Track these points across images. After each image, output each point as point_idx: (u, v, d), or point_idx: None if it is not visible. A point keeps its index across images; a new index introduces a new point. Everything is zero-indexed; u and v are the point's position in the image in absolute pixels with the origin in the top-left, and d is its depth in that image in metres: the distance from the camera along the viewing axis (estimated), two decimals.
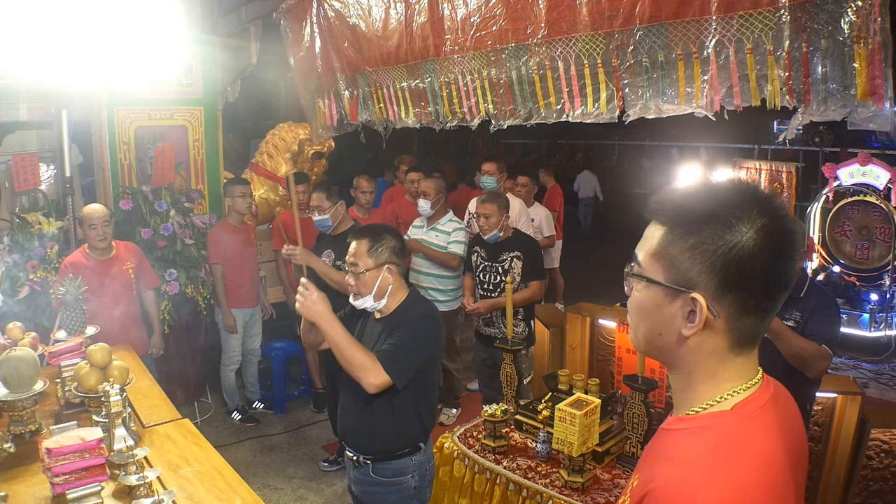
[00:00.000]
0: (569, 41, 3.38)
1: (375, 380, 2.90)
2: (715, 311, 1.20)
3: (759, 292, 1.19)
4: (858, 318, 8.09)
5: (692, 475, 1.15)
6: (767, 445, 1.20)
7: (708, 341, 1.24)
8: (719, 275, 1.18)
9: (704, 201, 1.23)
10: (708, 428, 1.22)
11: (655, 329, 1.29)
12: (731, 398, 1.24)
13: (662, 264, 1.25)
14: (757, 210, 1.18)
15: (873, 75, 2.44)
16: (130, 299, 5.22)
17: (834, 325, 3.42)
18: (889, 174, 8.14)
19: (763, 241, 1.16)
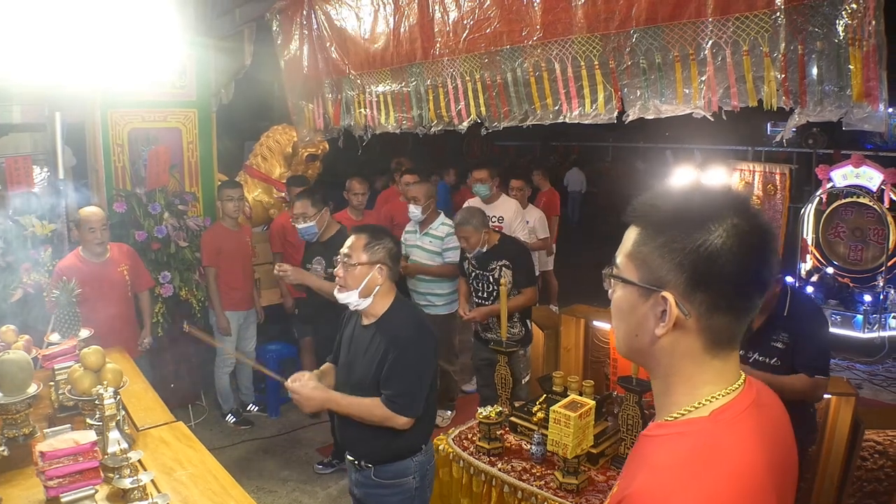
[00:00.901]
0: (565, 43, 3.38)
1: (399, 424, 3.00)
2: (685, 310, 1.20)
3: (730, 291, 1.19)
4: (852, 319, 8.10)
5: (666, 482, 1.15)
6: (745, 453, 1.19)
7: (681, 342, 1.24)
8: (688, 273, 1.19)
9: (676, 202, 1.25)
10: (684, 434, 1.22)
11: (632, 330, 1.31)
12: (710, 404, 1.24)
13: (636, 264, 1.27)
14: (729, 211, 1.19)
15: (868, 77, 2.45)
16: (125, 301, 5.23)
17: (823, 347, 3.41)
18: (882, 176, 8.16)
19: (734, 240, 1.17)
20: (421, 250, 5.72)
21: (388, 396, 2.99)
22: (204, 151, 6.64)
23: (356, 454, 3.17)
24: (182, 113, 6.49)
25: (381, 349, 3.01)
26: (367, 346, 3.08)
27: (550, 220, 8.20)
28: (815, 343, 3.36)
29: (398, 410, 2.98)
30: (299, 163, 7.60)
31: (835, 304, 8.14)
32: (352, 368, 3.13)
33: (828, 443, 4.22)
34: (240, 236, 6.10)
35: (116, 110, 6.10)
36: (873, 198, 8.33)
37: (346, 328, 3.32)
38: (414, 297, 5.80)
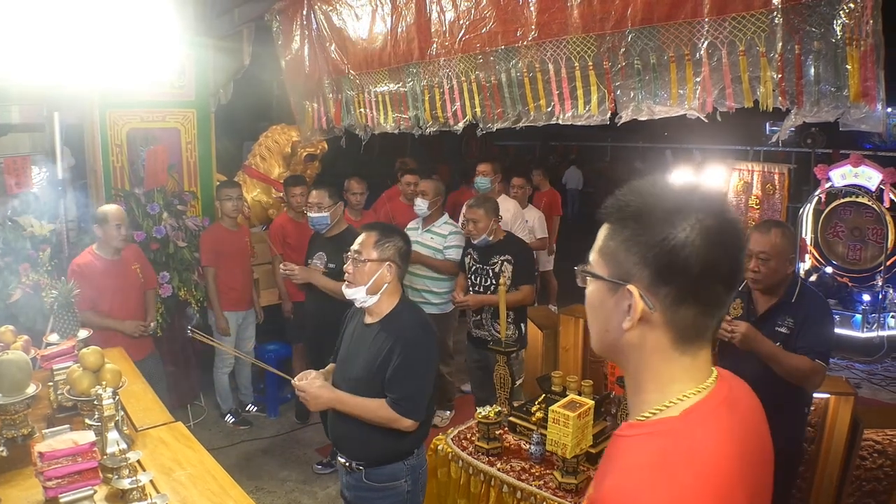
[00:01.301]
0: (559, 43, 3.38)
1: (404, 427, 3.01)
2: (650, 304, 1.22)
3: (694, 284, 1.20)
4: (851, 318, 8.11)
5: (634, 483, 1.15)
6: (716, 453, 1.19)
7: (649, 336, 1.25)
8: (652, 267, 1.20)
9: (642, 198, 1.26)
10: (655, 435, 1.22)
11: (602, 325, 1.33)
12: (680, 403, 1.25)
13: (605, 260, 1.29)
14: (694, 207, 1.21)
15: (865, 77, 2.45)
16: (139, 299, 5.28)
17: (826, 335, 3.41)
18: (881, 175, 8.16)
19: (698, 235, 1.18)
20: (422, 247, 5.71)
21: (394, 399, 3.00)
22: (202, 151, 6.64)
23: (348, 455, 3.17)
24: (181, 113, 6.49)
25: (384, 348, 3.01)
26: (369, 343, 3.09)
27: (552, 219, 8.21)
28: (819, 330, 3.36)
29: (404, 413, 3.00)
30: (298, 163, 7.59)
31: (833, 303, 8.13)
32: (350, 364, 3.14)
33: (826, 442, 4.22)
34: (239, 236, 6.10)
35: (115, 110, 6.09)
36: (872, 197, 8.33)
37: (348, 325, 3.33)
38: (410, 294, 5.79)
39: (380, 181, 8.89)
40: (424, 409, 3.08)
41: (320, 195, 5.08)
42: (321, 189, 5.12)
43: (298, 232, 6.16)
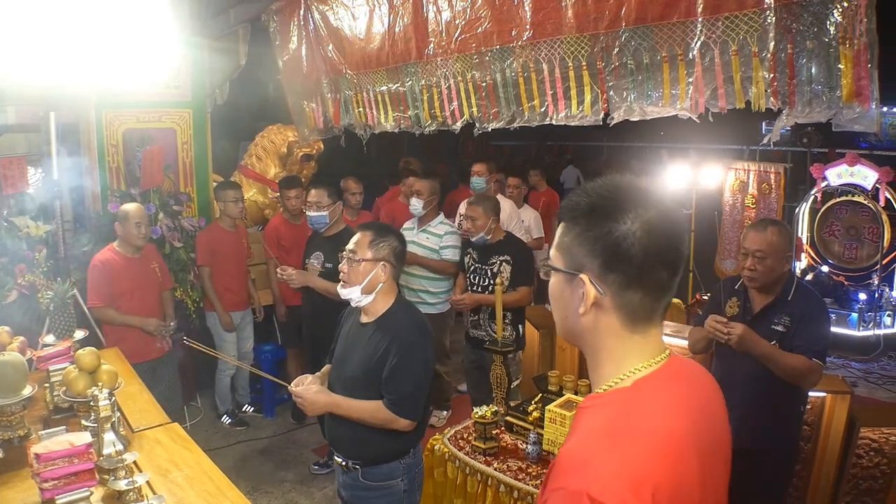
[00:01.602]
0: (553, 43, 3.39)
1: (402, 427, 3.03)
2: (601, 290, 1.36)
3: (639, 270, 1.33)
4: (847, 317, 8.12)
5: (588, 447, 1.28)
6: (666, 419, 1.32)
7: (601, 319, 1.39)
8: (600, 257, 1.34)
9: (591, 197, 1.39)
10: (609, 404, 1.36)
11: (563, 312, 1.47)
12: (633, 375, 1.38)
13: (561, 253, 1.43)
14: (635, 202, 1.34)
15: (859, 76, 2.45)
16: (157, 298, 5.33)
17: (822, 333, 3.41)
18: (877, 174, 8.16)
19: (639, 227, 1.32)
20: (418, 246, 5.71)
21: (391, 400, 3.00)
22: (199, 152, 6.63)
23: (344, 454, 3.17)
24: (177, 113, 6.49)
25: (380, 347, 3.02)
26: (365, 343, 3.09)
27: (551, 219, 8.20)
28: (816, 328, 3.36)
29: (401, 413, 3.00)
30: (294, 163, 7.59)
31: (830, 302, 8.12)
32: (346, 364, 3.14)
33: (823, 441, 4.23)
34: (236, 237, 6.09)
35: (111, 111, 6.09)
36: (868, 196, 8.34)
37: (343, 325, 3.33)
38: (406, 294, 5.77)
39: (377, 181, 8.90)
40: (421, 408, 3.09)
41: (319, 194, 5.07)
42: (320, 188, 5.11)
43: (293, 234, 6.15)
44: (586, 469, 1.23)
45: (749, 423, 3.44)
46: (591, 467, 1.23)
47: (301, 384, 3.14)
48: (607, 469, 1.22)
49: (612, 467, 1.22)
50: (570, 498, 1.21)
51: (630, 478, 1.21)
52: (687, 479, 1.30)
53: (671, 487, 1.25)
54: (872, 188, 8.24)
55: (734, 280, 3.68)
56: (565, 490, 1.23)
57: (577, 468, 1.25)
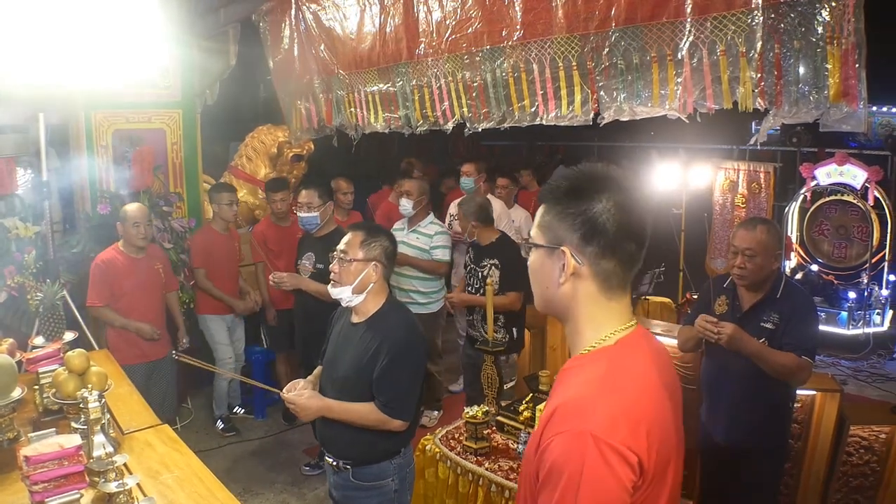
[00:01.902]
0: (544, 43, 3.39)
1: (394, 427, 3.04)
2: (580, 260, 1.54)
3: (612, 242, 1.52)
4: (837, 316, 8.14)
5: (590, 391, 1.46)
6: (647, 370, 1.55)
7: (580, 286, 1.57)
8: (580, 231, 1.53)
9: (569, 180, 1.59)
10: (598, 359, 1.54)
11: (543, 284, 1.64)
12: (614, 335, 1.58)
13: (542, 231, 1.61)
14: (608, 185, 1.54)
15: (847, 76, 2.46)
16: (160, 299, 5.33)
17: (811, 331, 3.43)
18: (866, 174, 8.19)
19: (611, 205, 1.51)
20: (408, 247, 5.70)
21: (383, 401, 3.01)
22: (188, 152, 6.61)
23: (335, 454, 3.17)
24: (166, 114, 6.47)
25: (370, 348, 3.02)
26: (356, 343, 3.09)
27: None
28: (805, 327, 3.39)
29: (393, 414, 3.01)
30: (284, 163, 7.56)
31: (819, 301, 8.15)
32: (337, 365, 3.14)
33: (813, 439, 4.25)
34: (229, 240, 6.05)
35: (100, 111, 6.07)
36: (857, 196, 8.37)
37: (335, 325, 3.32)
38: (397, 294, 5.78)
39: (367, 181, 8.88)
40: (413, 409, 3.09)
41: (310, 195, 5.06)
42: (311, 189, 5.09)
43: (279, 237, 6.12)
44: (588, 413, 1.40)
45: (739, 421, 3.46)
46: (592, 411, 1.40)
47: (293, 390, 3.14)
48: (607, 411, 1.40)
49: (612, 410, 1.40)
50: (573, 438, 1.38)
51: (628, 419, 1.40)
52: (666, 422, 1.53)
53: (658, 428, 1.47)
54: (861, 187, 8.27)
55: (723, 278, 3.70)
56: (569, 432, 1.39)
57: (578, 412, 1.41)
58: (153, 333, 5.09)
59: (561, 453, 1.38)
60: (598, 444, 1.35)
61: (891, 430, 4.19)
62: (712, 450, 3.66)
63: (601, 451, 1.35)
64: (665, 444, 1.48)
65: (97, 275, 4.94)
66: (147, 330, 5.06)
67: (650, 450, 1.41)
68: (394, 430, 3.04)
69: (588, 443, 1.35)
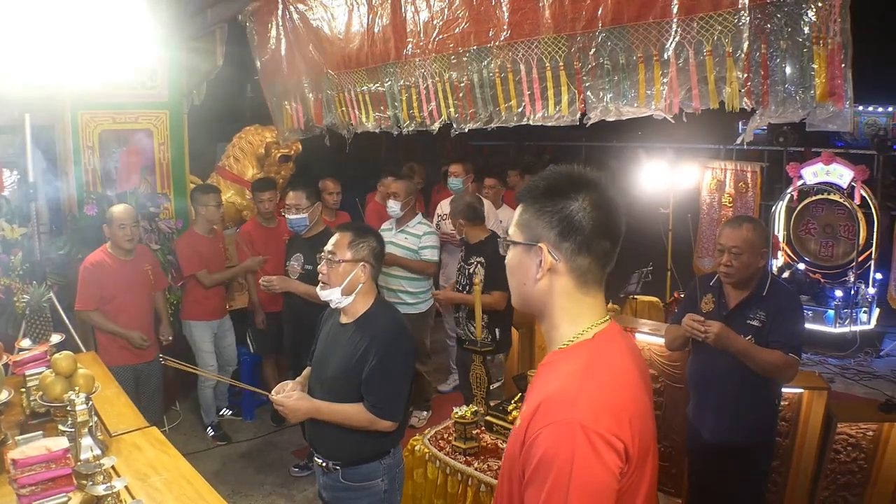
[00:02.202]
0: (531, 44, 3.39)
1: (383, 428, 3.04)
2: (556, 256, 1.59)
3: (588, 239, 1.57)
4: (823, 314, 8.18)
5: (573, 383, 1.49)
6: (624, 360, 1.61)
7: (557, 282, 1.62)
8: (556, 228, 1.58)
9: (547, 180, 1.64)
10: (578, 352, 1.59)
11: (521, 280, 1.68)
12: (592, 330, 1.62)
13: (521, 229, 1.66)
14: (585, 184, 1.59)
15: (833, 75, 2.47)
16: (149, 301, 5.30)
17: (797, 328, 3.46)
18: (852, 173, 8.24)
19: (587, 204, 1.56)
20: (396, 247, 5.70)
21: (372, 402, 3.00)
22: (175, 153, 6.58)
23: (324, 455, 3.17)
24: (153, 114, 6.44)
25: (359, 348, 3.01)
26: (345, 343, 3.09)
27: None
28: (791, 324, 3.42)
29: (382, 415, 3.01)
30: (272, 164, 7.55)
31: (806, 299, 8.20)
32: (325, 365, 3.13)
33: (801, 436, 4.26)
34: (214, 243, 5.97)
35: (87, 112, 6.04)
36: (844, 195, 8.41)
37: (323, 326, 3.32)
38: (385, 294, 5.76)
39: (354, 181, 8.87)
40: (402, 409, 3.09)
41: (298, 196, 5.04)
42: (298, 190, 5.08)
43: (265, 238, 6.08)
44: (575, 403, 1.43)
45: (726, 419, 3.48)
46: (578, 401, 1.44)
47: (281, 391, 3.13)
48: (593, 401, 1.44)
49: (598, 400, 1.45)
50: (562, 429, 1.41)
51: (613, 408, 1.45)
52: (644, 411, 1.59)
53: (638, 417, 1.52)
54: (848, 186, 8.32)
55: (709, 277, 3.72)
56: (557, 423, 1.42)
57: (566, 404, 1.44)
58: (142, 342, 5.07)
59: (550, 445, 1.41)
60: (587, 433, 1.39)
61: (878, 427, 4.21)
62: (700, 448, 3.67)
63: (590, 440, 1.39)
64: (645, 433, 1.54)
65: (86, 278, 4.91)
66: (136, 338, 5.04)
67: (633, 437, 1.46)
68: (383, 431, 3.04)
69: (577, 432, 1.39)
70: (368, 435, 3.05)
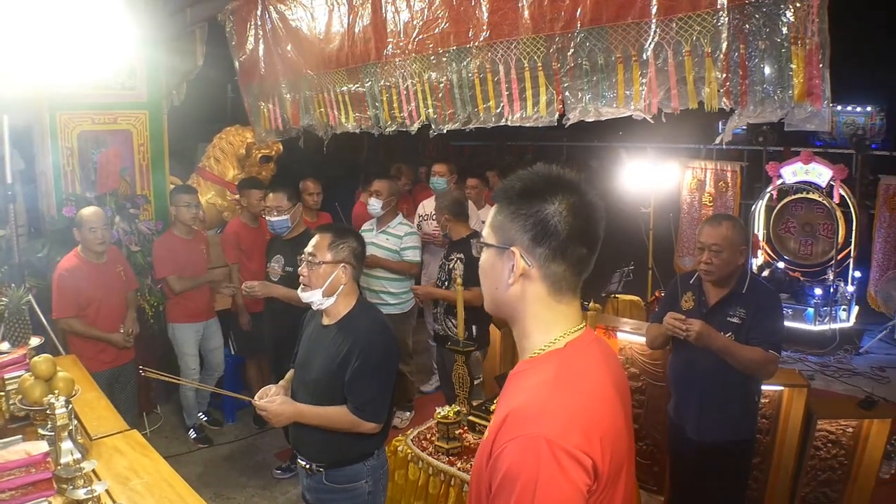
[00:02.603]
0: (510, 44, 3.40)
1: (367, 430, 3.04)
2: (529, 262, 1.53)
3: (562, 245, 1.51)
4: (803, 312, 8.25)
5: (541, 396, 1.44)
6: (597, 372, 1.55)
7: (529, 288, 1.56)
8: (530, 232, 1.52)
9: (523, 181, 1.57)
10: (548, 362, 1.53)
11: (493, 284, 1.62)
12: (563, 338, 1.56)
13: (494, 231, 1.60)
14: (561, 187, 1.53)
15: (811, 75, 2.49)
16: (122, 302, 5.23)
17: (777, 325, 3.50)
18: (831, 172, 8.32)
19: (564, 208, 1.51)
20: (378, 248, 5.70)
21: (356, 404, 3.00)
22: (155, 154, 6.55)
23: (308, 457, 3.16)
24: (133, 115, 6.40)
25: (342, 350, 3.01)
26: (327, 345, 3.08)
27: None
28: (771, 322, 3.46)
29: (366, 417, 3.00)
30: (253, 164, 7.51)
31: (786, 297, 8.26)
32: (308, 368, 3.13)
33: (781, 434, 4.30)
34: (194, 245, 5.88)
35: (65, 112, 5.99)
36: (823, 193, 8.49)
37: (306, 328, 3.31)
38: (367, 295, 5.77)
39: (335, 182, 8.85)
40: (386, 411, 3.09)
41: (278, 198, 5.03)
42: (279, 192, 5.06)
43: (252, 237, 6.04)
44: (540, 417, 1.38)
45: (707, 417, 3.51)
46: (545, 415, 1.39)
47: (264, 396, 3.12)
48: (560, 415, 1.39)
49: (566, 414, 1.40)
50: (527, 443, 1.36)
51: (582, 423, 1.40)
52: (618, 425, 1.52)
53: (611, 432, 1.46)
54: (827, 185, 8.40)
55: (689, 275, 3.75)
56: (522, 437, 1.37)
57: (530, 417, 1.39)
58: (125, 342, 5.03)
59: (515, 460, 1.36)
60: (553, 449, 1.33)
61: (858, 424, 4.25)
62: (681, 445, 3.69)
63: (556, 456, 1.33)
64: (618, 447, 1.48)
65: (61, 285, 4.83)
66: (119, 340, 5.01)
67: (604, 453, 1.40)
68: (367, 433, 3.04)
69: (542, 447, 1.33)
70: (352, 437, 3.04)
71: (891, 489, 4.58)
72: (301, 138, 5.34)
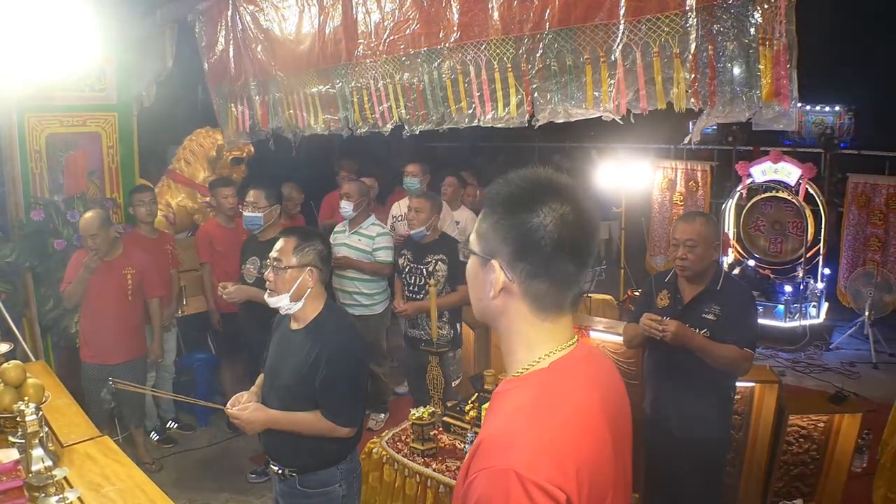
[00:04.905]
0: (480, 45, 3.41)
1: (342, 435, 3.02)
2: (510, 276, 1.43)
3: (547, 261, 1.40)
4: (774, 309, 8.34)
5: (512, 424, 1.35)
6: (581, 395, 1.43)
7: (510, 304, 1.46)
8: (512, 245, 1.41)
9: (509, 187, 1.46)
10: (529, 384, 1.43)
11: (477, 294, 1.54)
12: (548, 358, 1.46)
13: (478, 238, 1.50)
14: (550, 196, 1.41)
15: (778, 76, 2.52)
16: (125, 305, 5.15)
17: (751, 323, 3.57)
18: (800, 171, 8.43)
19: (551, 219, 1.39)
20: (350, 249, 5.68)
21: (328, 410, 2.98)
22: (125, 156, 6.47)
23: (281, 462, 3.14)
24: (102, 117, 6.32)
25: (311, 355, 2.99)
26: (296, 350, 3.06)
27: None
28: (745, 320, 3.52)
29: (340, 422, 2.99)
30: (224, 166, 7.45)
31: (757, 295, 8.33)
32: (278, 373, 3.11)
33: (754, 430, 4.34)
34: (158, 244, 5.84)
35: (33, 115, 5.90)
36: (792, 192, 8.60)
37: (275, 332, 3.29)
38: (340, 296, 5.75)
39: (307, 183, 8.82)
40: (360, 414, 3.08)
41: (257, 195, 5.02)
42: (259, 189, 5.06)
43: (227, 237, 5.98)
44: (512, 448, 1.29)
45: (683, 413, 3.54)
46: (517, 446, 1.30)
47: (237, 403, 3.09)
48: (532, 447, 1.29)
49: (537, 445, 1.30)
50: (497, 476, 1.28)
51: (555, 454, 1.30)
52: (604, 455, 1.41)
53: (592, 464, 1.35)
54: (796, 184, 8.50)
55: (664, 274, 3.80)
56: (492, 468, 1.29)
57: (502, 447, 1.31)
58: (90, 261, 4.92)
59: (483, 492, 1.29)
60: (523, 482, 1.25)
61: (829, 418, 4.31)
62: (658, 442, 3.73)
63: (526, 489, 1.25)
64: (599, 477, 1.38)
65: (72, 262, 5.01)
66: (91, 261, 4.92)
67: (581, 484, 1.31)
68: (342, 437, 3.03)
69: (512, 480, 1.26)
70: (325, 441, 3.03)
71: (863, 482, 4.64)
72: (271, 140, 5.31)
